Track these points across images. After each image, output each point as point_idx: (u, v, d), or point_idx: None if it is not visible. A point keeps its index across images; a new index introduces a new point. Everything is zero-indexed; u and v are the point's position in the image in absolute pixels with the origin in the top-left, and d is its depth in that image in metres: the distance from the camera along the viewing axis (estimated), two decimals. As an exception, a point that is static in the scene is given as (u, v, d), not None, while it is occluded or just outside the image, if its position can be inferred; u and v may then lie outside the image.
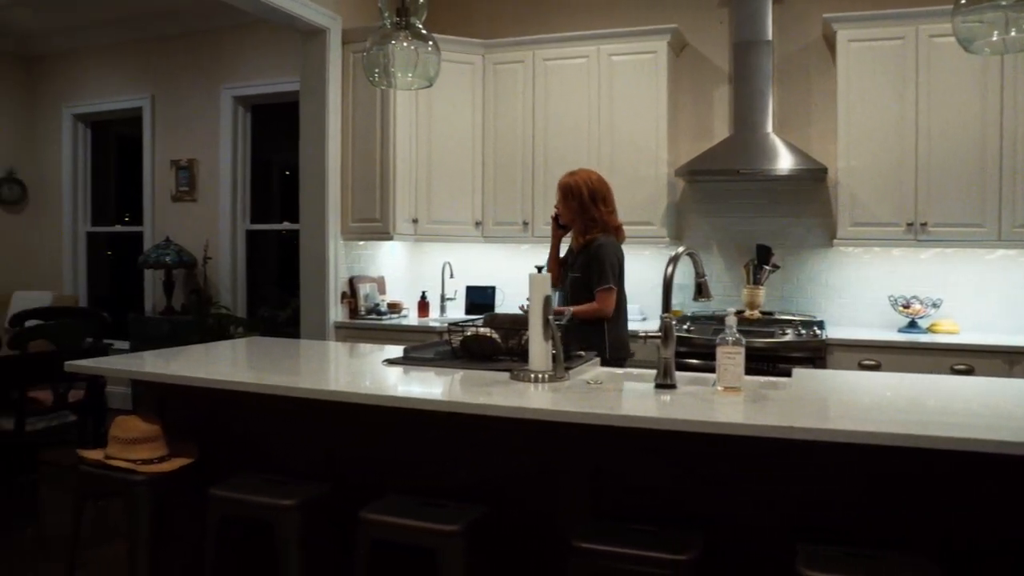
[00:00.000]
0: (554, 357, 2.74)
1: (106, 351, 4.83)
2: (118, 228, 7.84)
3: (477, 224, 5.57)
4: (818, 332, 4.52)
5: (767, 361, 4.36)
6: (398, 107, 5.32)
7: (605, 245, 3.73)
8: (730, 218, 5.26)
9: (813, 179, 4.89)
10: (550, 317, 2.74)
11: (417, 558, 2.36)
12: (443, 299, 5.82)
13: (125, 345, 6.83)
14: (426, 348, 3.39)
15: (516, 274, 5.66)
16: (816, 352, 4.39)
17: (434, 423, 2.57)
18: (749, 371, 2.60)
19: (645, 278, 5.33)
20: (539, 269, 2.86)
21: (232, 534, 2.76)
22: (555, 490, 2.55)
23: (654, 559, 2.05)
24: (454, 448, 2.69)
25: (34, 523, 4.41)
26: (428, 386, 2.78)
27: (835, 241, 4.72)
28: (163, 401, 3.20)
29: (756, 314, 4.88)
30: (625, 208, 5.08)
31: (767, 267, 4.94)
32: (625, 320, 3.91)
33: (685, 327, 4.72)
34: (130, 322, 6.91)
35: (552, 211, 4.01)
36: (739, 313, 4.86)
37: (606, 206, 3.82)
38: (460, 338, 3.18)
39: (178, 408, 3.16)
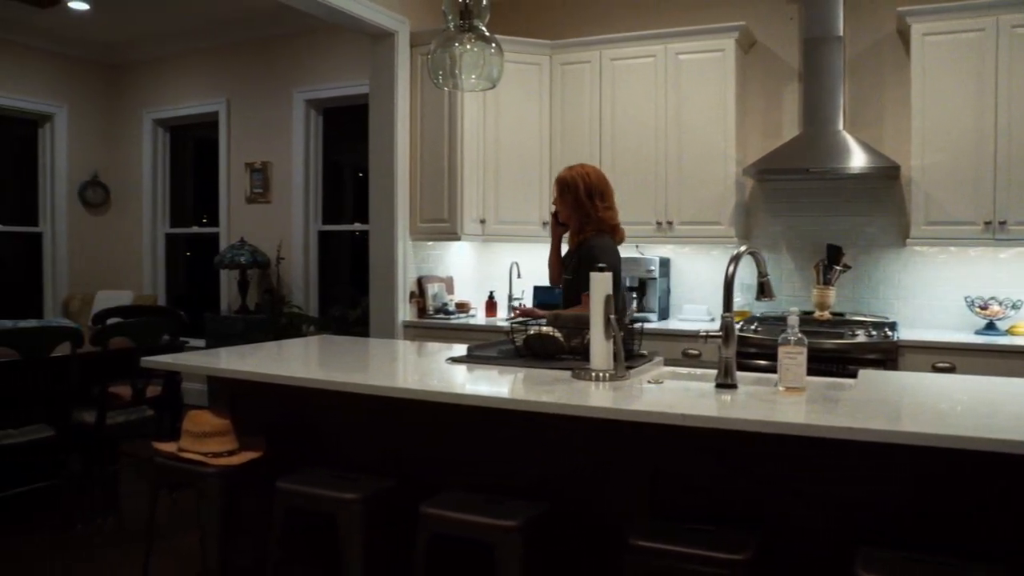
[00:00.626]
0: (615, 356, 2.75)
1: (182, 348, 4.99)
2: (195, 229, 8.08)
3: (544, 224, 5.58)
4: (890, 333, 4.41)
5: (837, 363, 4.28)
6: (465, 108, 5.37)
7: (596, 246, 3.54)
8: (800, 217, 5.17)
9: (886, 177, 4.78)
10: (611, 316, 2.75)
11: (476, 553, 2.39)
12: (510, 299, 5.85)
13: (201, 343, 7.05)
14: (490, 347, 3.43)
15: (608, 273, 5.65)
16: (887, 354, 4.28)
17: (496, 420, 2.59)
18: (817, 372, 2.57)
19: (711, 278, 5.29)
20: (600, 269, 2.86)
21: (299, 526, 2.83)
22: (613, 488, 2.55)
23: (710, 558, 2.04)
24: (515, 445, 2.71)
25: (114, 512, 4.59)
26: (490, 384, 2.81)
27: (908, 240, 4.60)
28: (234, 397, 3.30)
29: (826, 315, 4.79)
30: (692, 208, 5.08)
31: (837, 267, 4.84)
32: None
33: (752, 327, 4.66)
34: (206, 320, 7.12)
35: (551, 207, 3.85)
36: (809, 314, 4.78)
37: (603, 202, 3.63)
38: (523, 337, 3.20)
39: (249, 404, 3.26)
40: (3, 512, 4.29)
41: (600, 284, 2.79)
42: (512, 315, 3.40)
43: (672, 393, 2.52)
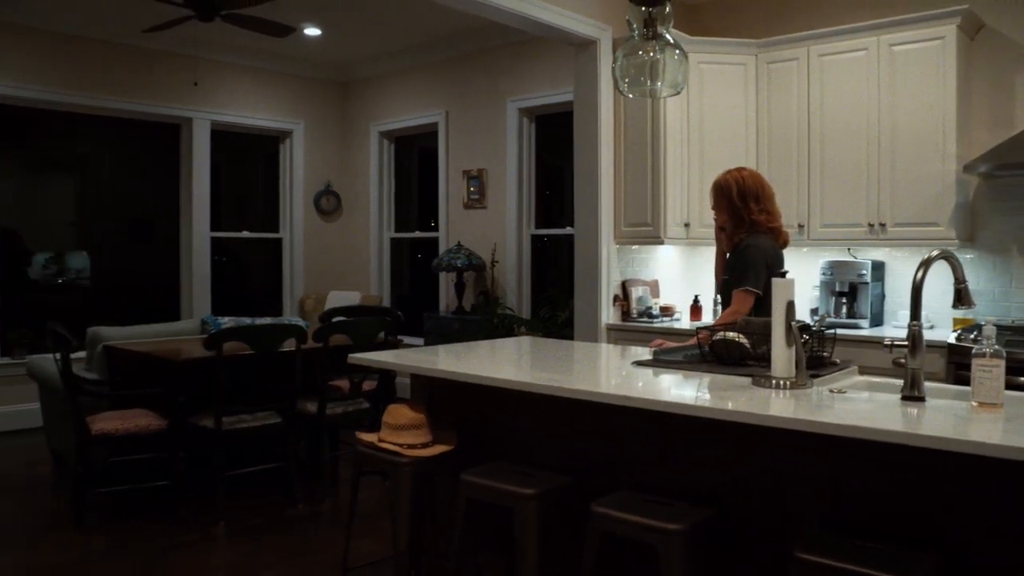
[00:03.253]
0: (797, 363, 2.68)
1: (396, 346, 5.33)
2: (417, 234, 8.57)
3: (749, 227, 5.46)
4: None
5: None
6: (668, 112, 5.36)
7: (752, 246, 3.51)
8: (1034, 217, 4.74)
9: None
10: (793, 323, 2.69)
11: (645, 553, 2.42)
12: (716, 303, 5.76)
13: (419, 341, 7.48)
14: (676, 351, 3.42)
15: (792, 278, 5.47)
16: None
17: (671, 423, 2.61)
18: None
19: (930, 283, 4.92)
20: (782, 274, 2.80)
21: (485, 515, 2.98)
22: (786, 498, 2.49)
23: (876, 578, 1.96)
24: (690, 448, 2.71)
25: (333, 495, 5.00)
26: (667, 388, 2.82)
27: None
28: (432, 392, 3.51)
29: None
30: (907, 208, 4.79)
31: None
32: None
33: (972, 337, 4.32)
34: (425, 320, 7.54)
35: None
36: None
37: (757, 204, 3.57)
38: (709, 342, 3.19)
39: (445, 399, 3.46)
40: (237, 487, 4.80)
41: (782, 290, 2.74)
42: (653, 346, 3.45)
43: (852, 404, 2.43)
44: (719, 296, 3.82)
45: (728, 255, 3.70)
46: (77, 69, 7.10)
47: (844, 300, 5.05)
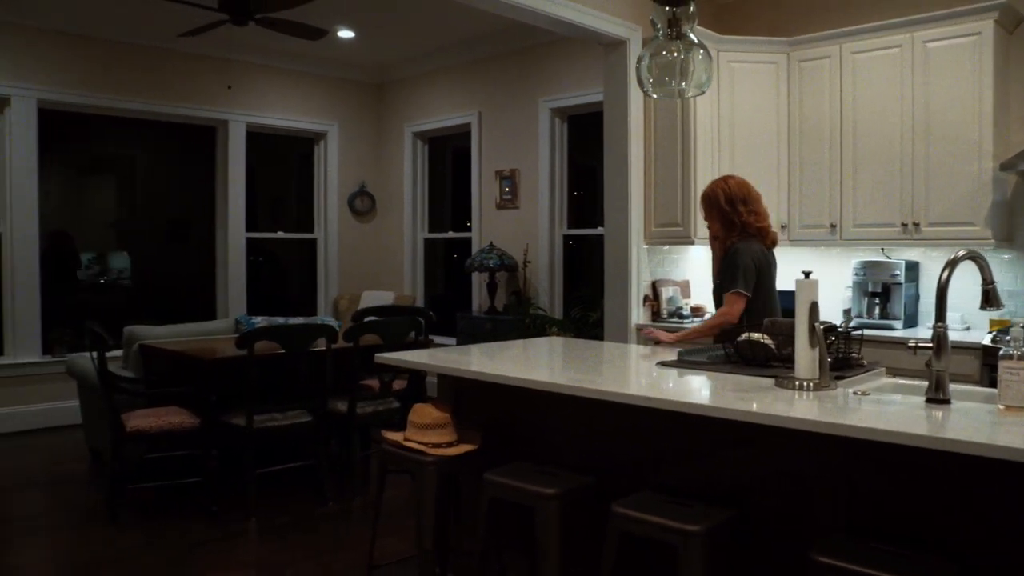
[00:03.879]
0: (820, 365, 2.66)
1: (426, 346, 5.36)
2: (450, 234, 8.61)
3: (782, 227, 5.42)
4: None
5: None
6: (698, 112, 5.33)
7: (740, 249, 3.69)
8: (1076, 216, 4.64)
9: None
10: (816, 324, 2.66)
11: (666, 555, 2.42)
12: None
13: (452, 341, 7.51)
14: (700, 352, 3.41)
15: (824, 278, 5.38)
16: None
17: (694, 424, 2.59)
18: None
19: (966, 284, 4.85)
20: (806, 275, 2.78)
21: (511, 514, 2.99)
22: (806, 500, 2.47)
23: (895, 583, 1.94)
24: (712, 449, 2.70)
25: (363, 493, 5.04)
26: (690, 389, 2.81)
27: None
28: (458, 392, 3.53)
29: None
30: (941, 208, 4.72)
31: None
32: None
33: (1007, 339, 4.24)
34: (457, 320, 7.57)
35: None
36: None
37: (746, 206, 3.74)
38: (734, 343, 3.17)
39: (471, 398, 3.48)
40: (268, 485, 4.87)
41: (805, 291, 2.72)
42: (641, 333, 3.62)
43: (874, 406, 2.40)
44: (713, 299, 3.99)
45: (722, 258, 3.84)
46: (117, 73, 7.24)
47: (877, 301, 4.99)
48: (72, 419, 6.36)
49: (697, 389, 2.79)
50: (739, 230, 3.74)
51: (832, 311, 5.05)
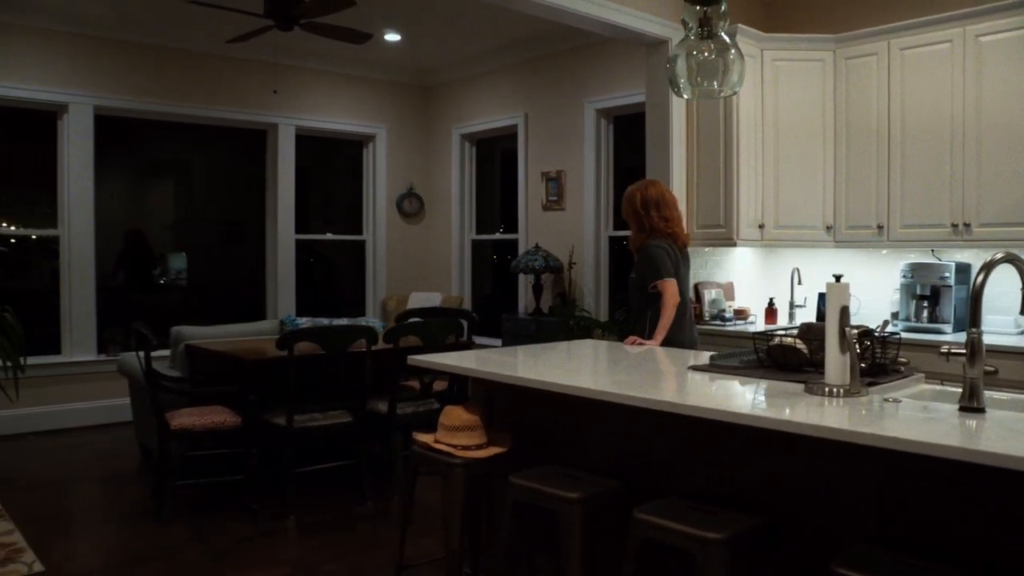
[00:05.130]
0: (852, 370, 2.60)
1: (467, 348, 5.38)
2: (497, 236, 8.62)
3: (828, 228, 5.32)
4: None
5: None
6: (741, 111, 5.26)
7: (653, 245, 4.16)
8: None
9: None
10: (847, 328, 2.60)
11: (690, 563, 2.38)
12: (791, 306, 5.63)
13: (497, 342, 7.53)
14: (733, 356, 3.36)
15: (871, 281, 5.32)
16: None
17: (721, 429, 2.54)
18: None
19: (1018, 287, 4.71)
20: (836, 278, 2.72)
21: (539, 517, 2.99)
22: (834, 509, 2.41)
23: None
24: (739, 455, 2.65)
25: (402, 494, 5.07)
26: (717, 394, 2.77)
27: None
28: (490, 394, 3.53)
29: None
30: (994, 208, 4.58)
31: None
32: (679, 319, 4.14)
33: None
34: (502, 321, 7.58)
35: None
36: None
37: (658, 212, 4.20)
38: (766, 347, 3.12)
39: (503, 401, 3.47)
40: (309, 484, 4.94)
41: (836, 294, 2.65)
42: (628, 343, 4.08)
43: (905, 414, 2.33)
44: (628, 295, 4.45)
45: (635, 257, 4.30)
46: (169, 79, 7.40)
47: (925, 304, 4.86)
48: (125, 416, 6.52)
49: (721, 394, 2.75)
50: (649, 232, 4.21)
51: (879, 315, 4.94)
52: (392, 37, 7.55)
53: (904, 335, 3.35)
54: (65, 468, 5.71)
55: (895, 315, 5.00)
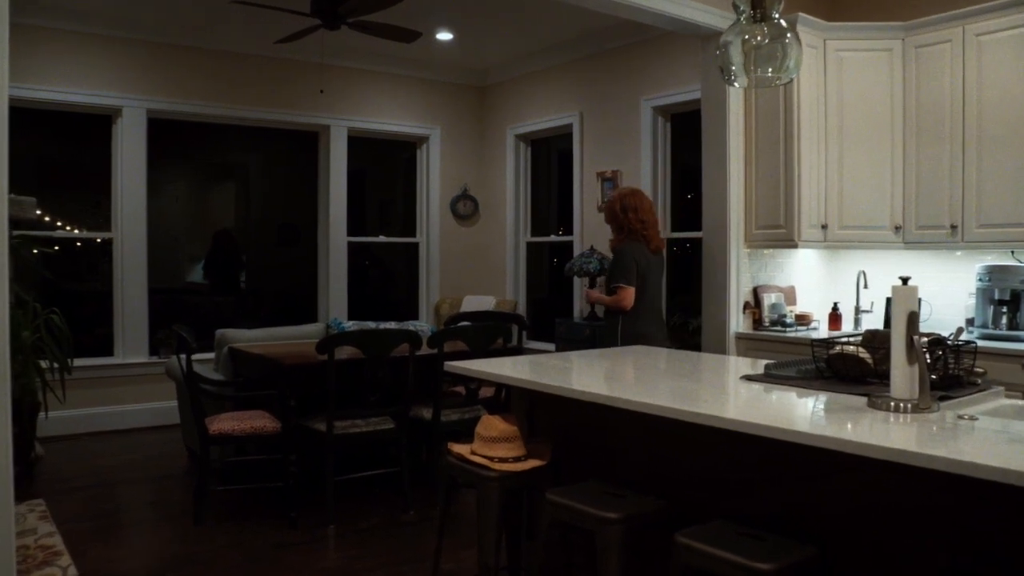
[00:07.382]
0: (920, 383, 2.35)
1: (517, 353, 5.19)
2: (552, 238, 8.43)
3: (897, 229, 5.01)
4: None
5: None
6: (802, 105, 4.99)
7: (623, 250, 4.65)
8: None
9: None
10: (916, 337, 2.36)
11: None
12: (857, 311, 5.33)
13: (551, 347, 7.34)
14: (790, 365, 3.12)
15: (944, 285, 4.99)
16: None
17: (772, 447, 2.33)
18: None
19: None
20: (904, 281, 2.47)
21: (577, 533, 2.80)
22: (899, 540, 2.18)
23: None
24: (792, 476, 2.43)
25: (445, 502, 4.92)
26: (769, 408, 2.54)
27: None
28: (532, 404, 3.36)
29: None
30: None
31: None
32: (646, 316, 4.66)
33: None
34: (556, 326, 7.39)
35: None
36: None
37: (636, 214, 4.65)
38: (826, 356, 2.88)
39: (544, 410, 3.30)
40: (351, 491, 4.84)
41: (903, 299, 2.41)
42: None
43: (978, 434, 2.08)
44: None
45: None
46: (220, 82, 7.39)
47: (1005, 310, 4.53)
48: (175, 419, 6.50)
49: (774, 408, 2.52)
50: (626, 233, 4.66)
51: (952, 322, 4.62)
52: (444, 36, 7.43)
53: (980, 343, 3.08)
54: (113, 470, 5.70)
55: (970, 322, 4.67)
